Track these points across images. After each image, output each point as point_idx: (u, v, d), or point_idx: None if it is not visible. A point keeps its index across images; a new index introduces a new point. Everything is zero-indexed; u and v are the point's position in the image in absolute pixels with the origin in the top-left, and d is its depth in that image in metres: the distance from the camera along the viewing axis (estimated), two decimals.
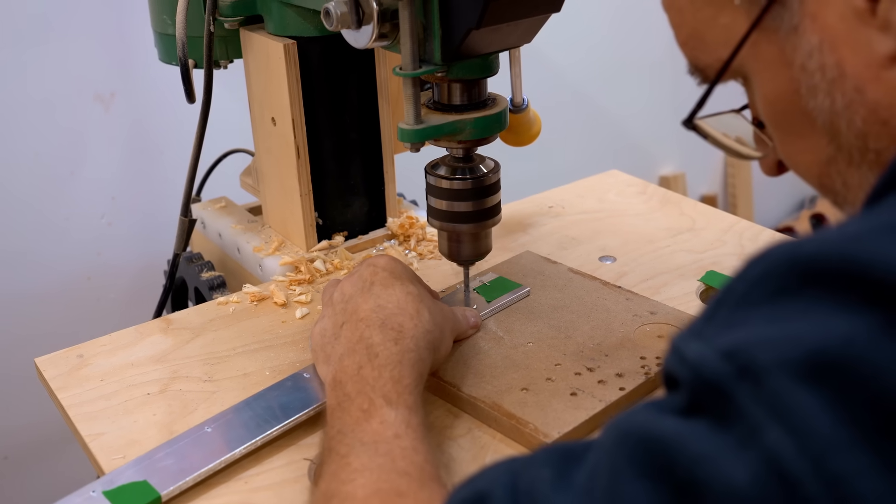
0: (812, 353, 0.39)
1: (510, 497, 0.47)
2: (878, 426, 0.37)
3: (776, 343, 0.40)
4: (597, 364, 0.82)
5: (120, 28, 1.50)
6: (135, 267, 1.63)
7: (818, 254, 0.42)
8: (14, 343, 1.52)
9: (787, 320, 0.41)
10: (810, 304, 0.41)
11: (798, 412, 0.38)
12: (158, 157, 1.61)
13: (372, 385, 0.69)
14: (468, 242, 0.90)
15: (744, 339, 0.41)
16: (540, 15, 0.80)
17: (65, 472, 1.52)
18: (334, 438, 0.66)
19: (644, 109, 2.36)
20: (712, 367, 0.41)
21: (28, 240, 1.52)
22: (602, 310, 0.91)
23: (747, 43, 0.54)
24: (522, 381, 0.81)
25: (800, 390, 0.38)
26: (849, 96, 0.50)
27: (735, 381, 0.40)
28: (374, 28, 0.80)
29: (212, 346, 0.92)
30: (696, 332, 0.45)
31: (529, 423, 0.75)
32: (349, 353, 0.74)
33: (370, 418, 0.67)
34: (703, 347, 0.43)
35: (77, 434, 0.82)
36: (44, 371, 0.90)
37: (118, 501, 0.70)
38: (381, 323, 0.75)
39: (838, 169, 0.54)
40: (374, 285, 0.79)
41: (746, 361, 0.40)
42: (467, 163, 0.86)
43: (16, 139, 1.46)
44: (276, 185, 1.09)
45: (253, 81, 1.07)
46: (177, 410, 0.83)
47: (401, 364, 0.72)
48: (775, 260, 0.43)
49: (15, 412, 1.56)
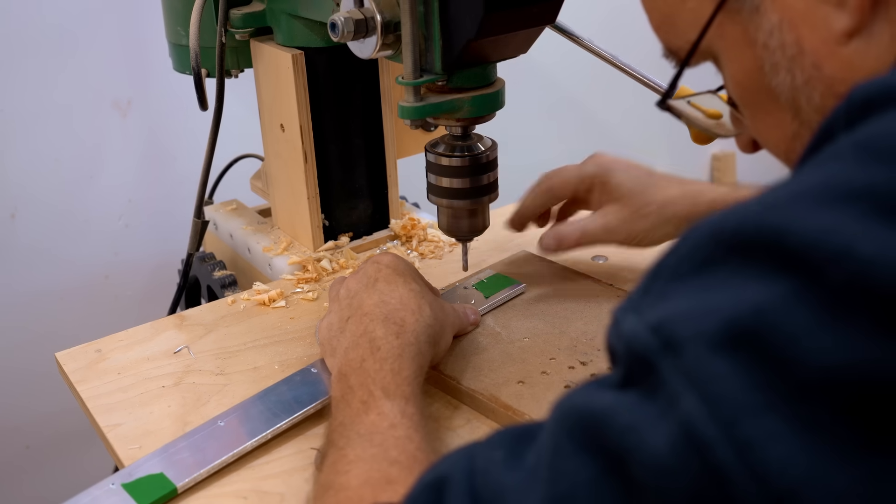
0: (726, 321, 0.38)
1: (467, 479, 0.47)
2: (789, 391, 0.36)
3: (695, 315, 0.40)
4: (589, 358, 0.83)
5: (136, 39, 1.50)
6: (150, 266, 1.63)
7: (738, 224, 0.41)
8: (36, 338, 1.52)
9: (708, 292, 0.40)
10: (730, 275, 0.40)
11: (711, 380, 0.38)
12: (173, 161, 1.61)
13: (373, 378, 0.70)
14: (466, 218, 0.90)
15: (669, 312, 0.41)
16: (535, 27, 0.80)
17: (83, 461, 1.52)
18: (336, 430, 0.67)
19: (634, 113, 2.36)
20: (642, 340, 0.41)
21: (49, 240, 1.52)
22: (594, 306, 0.91)
23: (713, 24, 0.53)
24: (519, 374, 0.81)
25: (713, 359, 0.38)
26: (807, 72, 0.50)
27: (660, 354, 0.40)
28: (377, 39, 0.80)
29: (224, 341, 0.93)
30: (632, 305, 0.44)
31: (525, 413, 0.75)
32: (354, 346, 0.74)
33: (368, 410, 0.67)
34: (635, 321, 0.42)
35: (95, 425, 0.82)
36: (64, 365, 0.90)
37: (136, 493, 0.70)
38: (384, 317, 0.75)
39: (802, 143, 0.52)
40: (378, 282, 0.79)
41: (669, 334, 0.40)
42: (465, 141, 0.87)
43: (38, 145, 1.47)
44: (285, 189, 1.09)
45: (263, 90, 1.07)
46: (190, 402, 0.83)
47: (401, 357, 0.72)
48: (702, 233, 0.42)
49: (36, 404, 1.56)
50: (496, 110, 0.85)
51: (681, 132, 0.89)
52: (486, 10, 0.73)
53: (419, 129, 0.83)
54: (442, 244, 1.11)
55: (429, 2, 0.76)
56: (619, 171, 0.93)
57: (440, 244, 1.11)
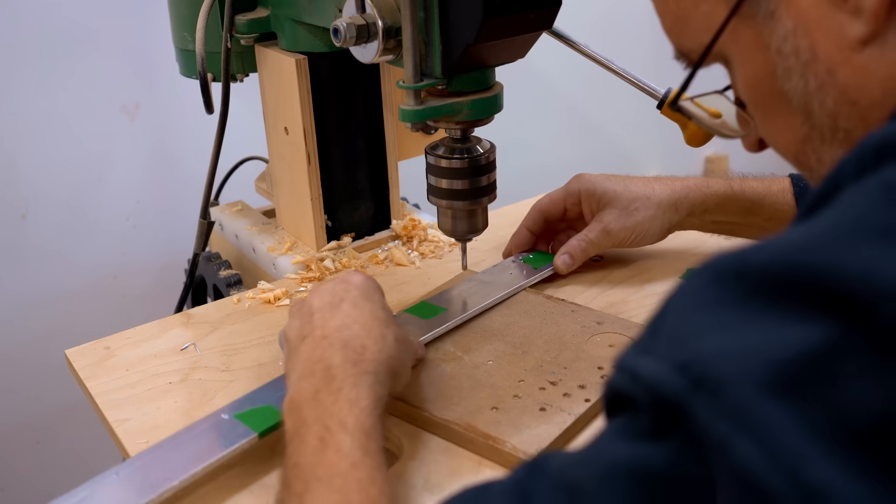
0: (773, 363, 0.37)
1: None
2: (846, 436, 0.35)
3: (732, 354, 0.38)
4: (558, 377, 0.79)
5: (144, 44, 1.50)
6: (158, 266, 1.63)
7: (767, 263, 0.39)
8: (46, 336, 1.52)
9: (739, 330, 0.38)
10: (760, 314, 0.38)
11: (764, 425, 0.36)
12: (179, 163, 1.61)
13: (329, 410, 0.63)
14: (465, 218, 0.90)
15: (696, 350, 0.39)
16: (532, 32, 0.80)
17: (92, 456, 1.52)
18: (291, 472, 0.61)
19: (628, 116, 2.36)
20: (668, 381, 0.39)
21: (59, 241, 1.52)
22: (551, 323, 0.88)
23: (727, 28, 0.53)
24: (490, 399, 0.76)
25: (764, 402, 0.36)
26: (821, 78, 0.49)
27: (691, 394, 0.38)
28: (379, 44, 0.81)
29: (229, 338, 0.93)
30: (644, 348, 0.42)
31: (507, 441, 0.71)
32: (308, 373, 0.67)
33: (326, 448, 0.60)
34: (654, 363, 0.40)
35: (104, 420, 0.82)
36: (73, 362, 0.90)
37: (251, 422, 0.73)
38: (343, 343, 0.68)
39: (813, 147, 0.53)
40: (344, 303, 0.72)
41: (701, 373, 0.38)
42: (465, 143, 0.86)
43: (48, 147, 1.47)
44: (289, 190, 1.09)
45: (267, 94, 1.07)
46: (197, 398, 0.83)
47: (357, 386, 0.64)
48: (720, 270, 0.41)
49: (46, 400, 1.56)
50: (495, 113, 0.85)
51: (675, 135, 0.89)
52: (485, 16, 0.73)
53: (419, 131, 0.83)
54: (442, 244, 1.11)
55: (429, 8, 0.76)
56: (601, 181, 0.98)
57: (440, 244, 1.11)
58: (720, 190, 0.97)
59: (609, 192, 0.97)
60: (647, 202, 0.96)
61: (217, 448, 0.71)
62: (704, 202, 0.97)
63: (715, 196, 0.97)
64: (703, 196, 0.97)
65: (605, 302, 0.95)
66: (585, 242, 0.97)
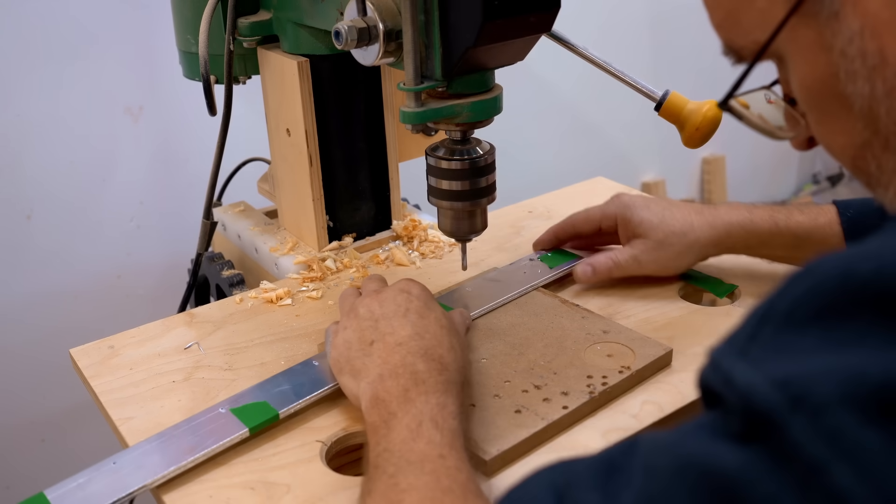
0: (877, 387, 0.35)
1: None
2: None
3: (834, 374, 0.36)
4: (544, 382, 0.79)
5: (148, 47, 1.50)
6: (161, 266, 1.63)
7: (877, 273, 0.37)
8: (51, 335, 1.52)
9: (843, 348, 0.37)
10: (868, 331, 0.36)
11: (865, 452, 0.34)
12: (182, 164, 1.61)
13: (420, 408, 0.66)
14: (465, 219, 0.90)
15: (796, 368, 0.37)
16: (532, 35, 0.80)
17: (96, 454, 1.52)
18: (381, 456, 0.63)
19: (627, 121, 2.36)
20: (763, 395, 0.37)
21: (64, 241, 1.52)
22: (557, 328, 0.87)
23: (785, 27, 0.49)
24: (471, 397, 0.77)
25: (866, 428, 0.34)
26: (890, 83, 0.46)
27: (788, 412, 0.36)
28: (380, 47, 0.80)
29: (232, 337, 0.92)
30: (740, 350, 0.41)
31: (471, 438, 0.71)
32: (391, 375, 0.69)
33: (417, 438, 0.63)
34: (751, 374, 0.39)
35: (108, 418, 0.82)
36: (78, 361, 0.90)
37: (244, 417, 0.75)
38: (422, 352, 0.71)
39: (873, 153, 0.49)
40: (410, 312, 0.75)
41: (800, 392, 0.36)
42: (465, 145, 0.86)
43: (53, 149, 1.47)
44: (291, 191, 1.09)
45: (269, 96, 1.07)
46: (200, 396, 0.83)
47: (446, 393, 0.68)
48: (825, 277, 0.38)
49: (51, 399, 1.56)
50: (494, 115, 0.85)
51: (672, 136, 0.89)
52: (485, 19, 0.73)
53: (420, 133, 0.83)
54: (442, 244, 1.11)
55: (429, 11, 0.76)
56: (639, 208, 0.96)
57: (440, 244, 1.11)
58: (764, 227, 0.92)
59: (645, 222, 0.94)
60: (682, 239, 0.93)
61: (210, 441, 0.74)
62: (747, 241, 0.93)
63: (758, 235, 0.92)
64: (746, 235, 0.92)
65: (623, 311, 0.95)
66: (613, 262, 0.96)
